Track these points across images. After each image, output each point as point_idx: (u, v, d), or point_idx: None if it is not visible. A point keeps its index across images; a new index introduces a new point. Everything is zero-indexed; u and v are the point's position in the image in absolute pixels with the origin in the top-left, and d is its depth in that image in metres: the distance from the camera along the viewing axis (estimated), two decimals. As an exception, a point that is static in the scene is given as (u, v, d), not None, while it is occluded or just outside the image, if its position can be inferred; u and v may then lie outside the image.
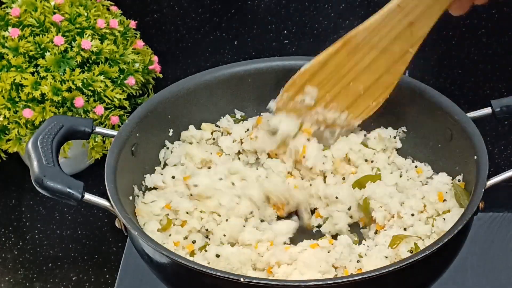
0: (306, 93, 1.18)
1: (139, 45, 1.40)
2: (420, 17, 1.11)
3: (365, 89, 1.17)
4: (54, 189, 1.05)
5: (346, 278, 0.98)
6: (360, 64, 1.15)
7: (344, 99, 1.18)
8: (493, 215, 1.31)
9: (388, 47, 1.14)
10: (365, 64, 1.15)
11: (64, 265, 1.30)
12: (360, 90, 1.17)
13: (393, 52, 1.14)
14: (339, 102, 1.18)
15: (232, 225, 1.14)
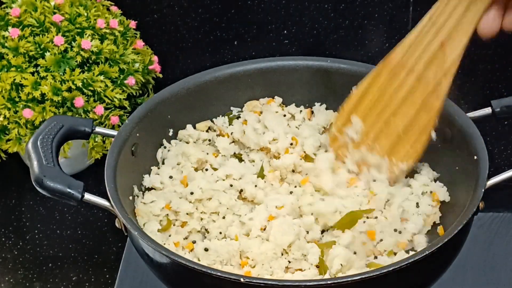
0: (353, 125, 1.17)
1: (139, 45, 1.40)
2: (450, 36, 1.10)
3: (404, 129, 1.15)
4: (54, 189, 1.05)
5: (346, 278, 0.98)
6: (399, 92, 1.14)
7: (385, 141, 1.16)
8: (493, 215, 1.31)
9: (423, 73, 1.12)
10: (404, 93, 1.14)
11: (64, 265, 1.30)
12: (400, 129, 1.15)
13: (427, 80, 1.12)
14: (381, 144, 1.17)
15: (228, 222, 1.14)
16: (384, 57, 1.16)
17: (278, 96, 1.28)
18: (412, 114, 1.14)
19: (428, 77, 1.12)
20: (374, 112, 1.16)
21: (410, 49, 1.13)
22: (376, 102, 1.16)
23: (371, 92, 1.16)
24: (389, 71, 1.15)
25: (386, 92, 1.15)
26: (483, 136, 1.12)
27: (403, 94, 1.14)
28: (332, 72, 1.25)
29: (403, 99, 1.14)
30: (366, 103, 1.16)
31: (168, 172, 1.19)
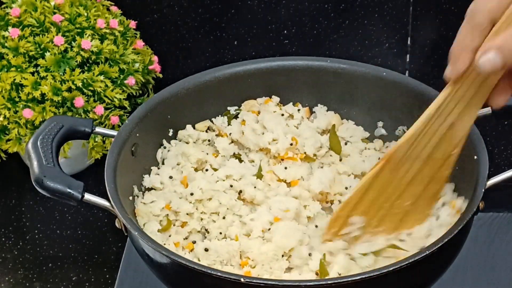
0: (352, 224, 1.10)
1: (139, 45, 1.40)
2: (460, 116, 1.03)
3: (412, 204, 1.09)
4: (54, 189, 1.05)
5: (346, 278, 0.98)
6: (404, 179, 1.08)
7: (391, 220, 1.10)
8: (493, 215, 1.31)
9: (430, 155, 1.06)
10: (409, 178, 1.08)
11: (64, 265, 1.30)
12: (407, 206, 1.09)
13: (436, 159, 1.07)
14: (387, 225, 1.10)
15: (228, 222, 1.14)
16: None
17: (278, 96, 1.28)
18: (420, 190, 1.09)
19: (436, 157, 1.06)
20: (376, 204, 1.09)
21: (415, 141, 1.06)
22: (378, 196, 1.09)
23: (372, 190, 1.08)
24: (391, 167, 1.07)
25: (389, 186, 1.08)
26: (483, 136, 1.12)
27: (408, 179, 1.08)
28: (332, 72, 1.25)
29: (409, 183, 1.08)
30: (366, 201, 1.09)
31: (168, 172, 1.19)
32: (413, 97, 1.21)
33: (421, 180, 1.08)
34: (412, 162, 1.07)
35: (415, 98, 1.21)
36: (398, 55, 1.48)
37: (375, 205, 1.09)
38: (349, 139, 1.25)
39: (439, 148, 1.06)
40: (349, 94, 1.26)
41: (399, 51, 1.49)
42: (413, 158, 1.06)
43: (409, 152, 1.06)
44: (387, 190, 1.08)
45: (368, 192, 1.08)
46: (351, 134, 1.25)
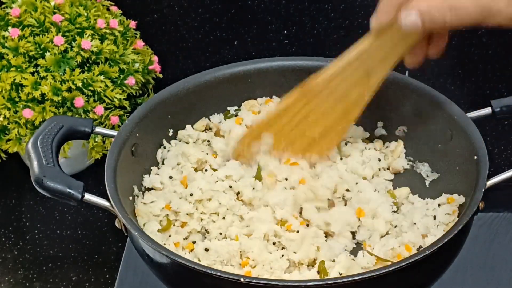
0: (263, 140, 1.18)
1: (139, 45, 1.40)
2: (377, 66, 1.11)
3: (320, 134, 1.17)
4: (54, 189, 1.05)
5: (346, 278, 0.98)
6: (317, 109, 1.16)
7: (298, 144, 1.18)
8: (493, 215, 1.31)
9: (344, 94, 1.14)
10: (322, 111, 1.16)
11: (64, 265, 1.30)
12: (315, 135, 1.17)
13: (349, 99, 1.14)
14: (294, 147, 1.18)
15: (228, 222, 1.14)
16: None
17: (278, 97, 1.28)
18: (329, 124, 1.16)
19: (350, 96, 1.14)
20: (288, 127, 1.17)
21: (332, 77, 1.13)
22: (291, 120, 1.17)
23: (287, 114, 1.16)
24: (308, 95, 1.15)
25: (302, 113, 1.16)
26: (483, 136, 1.12)
27: (320, 112, 1.15)
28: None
29: (321, 115, 1.16)
30: (280, 122, 1.17)
31: (168, 172, 1.19)
32: (413, 97, 1.21)
33: (333, 115, 1.15)
34: (327, 97, 1.14)
35: (415, 98, 1.21)
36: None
37: (287, 128, 1.16)
38: (349, 139, 1.25)
39: (353, 90, 1.13)
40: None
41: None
42: (327, 93, 1.14)
43: (324, 89, 1.14)
44: (300, 116, 1.16)
45: (283, 115, 1.16)
46: (351, 134, 1.25)
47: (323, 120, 1.16)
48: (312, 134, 1.17)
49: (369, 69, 1.11)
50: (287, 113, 1.16)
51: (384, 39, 1.08)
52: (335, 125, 1.17)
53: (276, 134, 1.17)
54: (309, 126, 1.17)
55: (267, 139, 1.18)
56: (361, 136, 1.25)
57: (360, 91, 1.14)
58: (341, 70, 1.13)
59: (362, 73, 1.12)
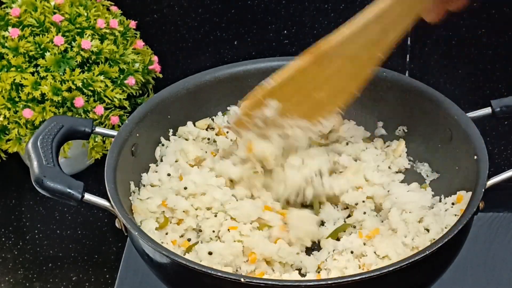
0: (267, 106, 1.14)
1: (139, 45, 1.40)
2: (393, 24, 1.07)
3: (328, 96, 1.13)
4: (54, 189, 1.05)
5: (346, 278, 0.98)
6: (326, 72, 1.11)
7: (305, 109, 1.14)
8: (493, 215, 1.31)
9: (357, 54, 1.10)
10: (331, 73, 1.11)
11: (64, 265, 1.30)
12: (323, 98, 1.13)
13: (361, 59, 1.11)
14: (299, 110, 1.14)
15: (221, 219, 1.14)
16: None
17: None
18: (339, 86, 1.12)
19: (362, 57, 1.10)
20: (295, 94, 1.12)
21: (349, 41, 1.09)
22: (299, 88, 1.12)
23: (294, 81, 1.12)
24: (319, 62, 1.10)
25: (311, 79, 1.11)
26: (483, 136, 1.12)
27: (330, 73, 1.11)
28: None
29: (330, 75, 1.11)
30: (287, 89, 1.13)
31: (166, 169, 1.19)
32: (413, 97, 1.21)
33: (342, 76, 1.11)
34: (338, 59, 1.10)
35: (415, 98, 1.21)
36: (398, 55, 1.48)
37: (294, 94, 1.12)
38: (350, 139, 1.25)
39: (367, 50, 1.09)
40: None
41: (399, 51, 1.49)
42: (340, 55, 1.10)
43: (339, 51, 1.10)
44: (308, 83, 1.11)
45: (290, 82, 1.12)
46: (352, 134, 1.25)
47: (332, 82, 1.12)
48: (320, 96, 1.12)
49: (387, 27, 1.07)
50: (296, 80, 1.12)
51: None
52: (345, 87, 1.13)
53: (281, 100, 1.13)
54: (317, 88, 1.12)
55: (272, 104, 1.14)
56: (362, 136, 1.25)
57: (374, 50, 1.09)
58: (357, 32, 1.08)
59: (379, 33, 1.08)
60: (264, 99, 1.13)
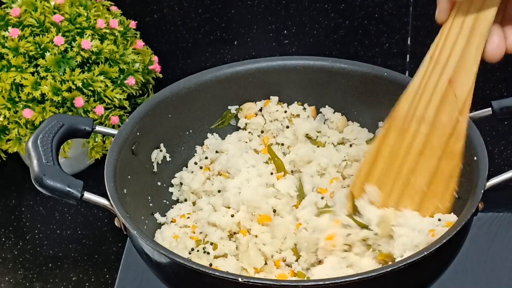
0: (368, 193, 1.10)
1: (139, 45, 1.40)
2: (458, 70, 1.03)
3: (428, 183, 1.07)
4: (54, 188, 1.05)
5: (345, 278, 0.97)
6: (413, 146, 1.06)
7: (409, 200, 1.08)
8: (493, 215, 1.31)
9: (436, 118, 1.05)
10: (419, 146, 1.06)
11: (64, 265, 1.30)
12: (422, 185, 1.07)
13: (443, 124, 1.05)
14: (405, 205, 1.08)
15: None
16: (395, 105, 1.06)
17: (279, 96, 1.28)
18: (433, 165, 1.06)
19: (442, 121, 1.05)
20: (390, 175, 1.08)
21: (416, 96, 1.05)
22: (390, 164, 1.07)
23: (383, 155, 1.07)
24: (398, 128, 1.06)
25: (399, 151, 1.07)
26: (483, 136, 1.12)
27: (418, 147, 1.06)
28: (334, 72, 1.25)
29: (420, 152, 1.06)
30: (379, 168, 1.07)
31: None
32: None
33: (432, 152, 1.06)
34: (418, 124, 1.05)
35: (415, 98, 1.21)
36: (398, 55, 1.48)
37: (388, 175, 1.07)
38: (353, 141, 1.25)
39: (443, 110, 1.04)
40: (350, 94, 1.26)
41: (399, 51, 1.49)
42: (418, 119, 1.05)
43: (412, 110, 1.05)
44: (397, 157, 1.07)
45: (378, 156, 1.07)
46: (356, 136, 1.25)
47: (424, 161, 1.06)
48: (419, 184, 1.07)
49: (451, 77, 1.02)
50: (383, 153, 1.07)
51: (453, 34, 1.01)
52: (440, 167, 1.06)
53: (380, 187, 1.08)
54: (412, 173, 1.06)
55: (373, 193, 1.09)
56: (366, 138, 1.25)
57: (450, 113, 1.04)
58: (420, 81, 1.03)
59: (444, 84, 1.03)
60: (363, 184, 1.09)
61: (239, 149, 1.22)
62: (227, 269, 1.08)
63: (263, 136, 1.26)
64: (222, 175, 1.20)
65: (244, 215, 1.13)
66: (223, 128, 1.28)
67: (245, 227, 1.12)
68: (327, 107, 1.27)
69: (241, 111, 1.27)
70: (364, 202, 1.09)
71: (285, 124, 1.25)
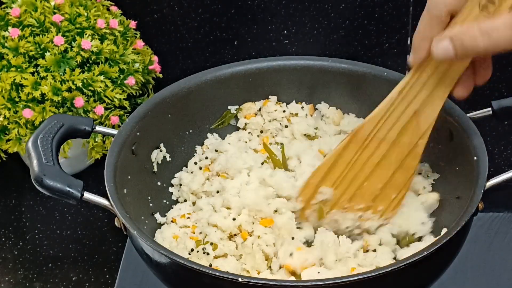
0: (322, 193, 1.14)
1: (139, 45, 1.40)
2: (424, 105, 1.07)
3: (381, 189, 1.13)
4: (54, 188, 1.05)
5: (345, 278, 0.97)
6: (371, 159, 1.11)
7: (361, 199, 1.13)
8: (493, 215, 1.31)
9: (397, 140, 1.10)
10: (377, 159, 1.11)
11: (64, 265, 1.30)
12: (376, 188, 1.13)
13: (403, 145, 1.10)
14: (357, 203, 1.14)
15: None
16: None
17: (279, 96, 1.28)
18: (387, 176, 1.12)
19: (402, 143, 1.10)
20: (345, 180, 1.13)
21: (380, 121, 1.10)
22: (348, 172, 1.12)
23: (340, 164, 1.12)
24: (358, 143, 1.11)
25: (357, 163, 1.12)
26: (483, 136, 1.12)
27: (376, 161, 1.11)
28: (333, 72, 1.25)
29: (377, 165, 1.12)
30: (335, 174, 1.13)
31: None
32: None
33: (389, 165, 1.11)
34: (379, 143, 1.10)
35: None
36: (398, 55, 1.48)
37: (344, 180, 1.12)
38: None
39: (405, 135, 1.09)
40: (350, 94, 1.26)
41: (399, 51, 1.49)
42: (379, 139, 1.10)
43: (374, 131, 1.10)
44: (355, 166, 1.12)
45: (336, 164, 1.12)
46: (353, 127, 1.25)
47: (380, 171, 1.12)
48: (372, 188, 1.12)
49: (416, 110, 1.07)
50: (340, 162, 1.12)
51: (425, 76, 1.05)
52: (394, 178, 1.12)
53: (335, 188, 1.13)
54: (367, 178, 1.12)
55: (327, 191, 1.13)
56: None
57: (411, 137, 1.09)
58: (386, 110, 1.08)
59: (409, 115, 1.08)
60: (318, 186, 1.13)
61: (238, 149, 1.22)
62: (227, 269, 1.08)
63: (262, 136, 1.26)
64: (221, 176, 1.20)
65: (246, 219, 1.13)
66: (223, 128, 1.28)
67: (247, 230, 1.12)
68: (322, 102, 1.27)
69: (240, 111, 1.27)
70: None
71: (284, 124, 1.25)
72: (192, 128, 1.26)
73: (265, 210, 1.13)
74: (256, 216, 1.13)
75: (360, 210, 1.13)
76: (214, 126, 1.27)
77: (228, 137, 1.26)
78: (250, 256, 1.10)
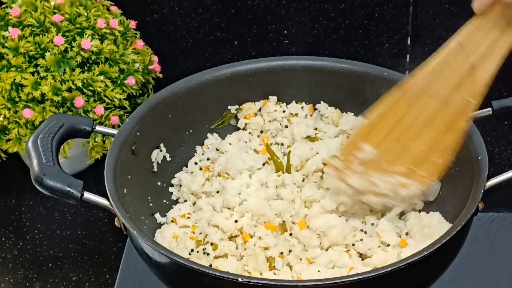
0: (362, 151, 1.10)
1: (139, 45, 1.40)
2: (483, 58, 1.02)
3: (424, 151, 1.07)
4: (54, 187, 1.05)
5: (345, 278, 0.98)
6: (419, 117, 1.06)
7: (404, 161, 1.08)
8: (493, 215, 1.31)
9: (449, 97, 1.05)
10: (425, 119, 1.06)
11: (64, 265, 1.30)
12: (419, 152, 1.07)
13: (453, 104, 1.05)
14: (399, 164, 1.08)
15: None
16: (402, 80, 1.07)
17: (279, 96, 1.28)
18: (434, 138, 1.07)
19: (454, 101, 1.05)
20: (389, 140, 1.08)
21: (433, 74, 1.05)
22: (392, 130, 1.08)
23: (386, 120, 1.07)
24: (408, 99, 1.06)
25: (404, 119, 1.07)
26: (483, 136, 1.12)
27: (424, 119, 1.07)
28: (333, 72, 1.25)
29: (424, 124, 1.07)
30: (379, 131, 1.08)
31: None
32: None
33: (437, 125, 1.06)
34: (429, 100, 1.05)
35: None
36: (398, 55, 1.48)
37: (388, 139, 1.07)
38: (350, 132, 1.24)
39: (458, 92, 1.04)
40: (350, 94, 1.26)
41: (399, 51, 1.49)
42: (430, 95, 1.05)
43: (426, 86, 1.04)
44: (401, 125, 1.07)
45: (382, 122, 1.07)
46: (352, 126, 1.25)
47: (427, 132, 1.07)
48: (416, 150, 1.07)
49: (474, 61, 1.01)
50: (387, 119, 1.07)
51: (488, 24, 0.99)
52: (441, 141, 1.07)
53: (377, 146, 1.08)
54: (413, 139, 1.07)
55: (368, 151, 1.09)
56: None
57: (464, 94, 1.04)
58: (442, 63, 1.03)
59: (466, 69, 1.02)
60: (359, 143, 1.09)
61: (239, 149, 1.22)
62: (227, 269, 1.08)
63: (262, 136, 1.26)
64: (221, 176, 1.20)
65: (248, 222, 1.12)
66: (223, 128, 1.28)
67: (248, 233, 1.12)
68: (322, 102, 1.27)
69: (240, 111, 1.27)
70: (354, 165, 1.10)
71: (284, 124, 1.25)
72: (192, 128, 1.26)
73: (267, 214, 1.13)
74: (259, 220, 1.13)
75: (401, 174, 1.08)
76: (214, 126, 1.27)
77: (228, 137, 1.26)
78: (252, 257, 1.10)
